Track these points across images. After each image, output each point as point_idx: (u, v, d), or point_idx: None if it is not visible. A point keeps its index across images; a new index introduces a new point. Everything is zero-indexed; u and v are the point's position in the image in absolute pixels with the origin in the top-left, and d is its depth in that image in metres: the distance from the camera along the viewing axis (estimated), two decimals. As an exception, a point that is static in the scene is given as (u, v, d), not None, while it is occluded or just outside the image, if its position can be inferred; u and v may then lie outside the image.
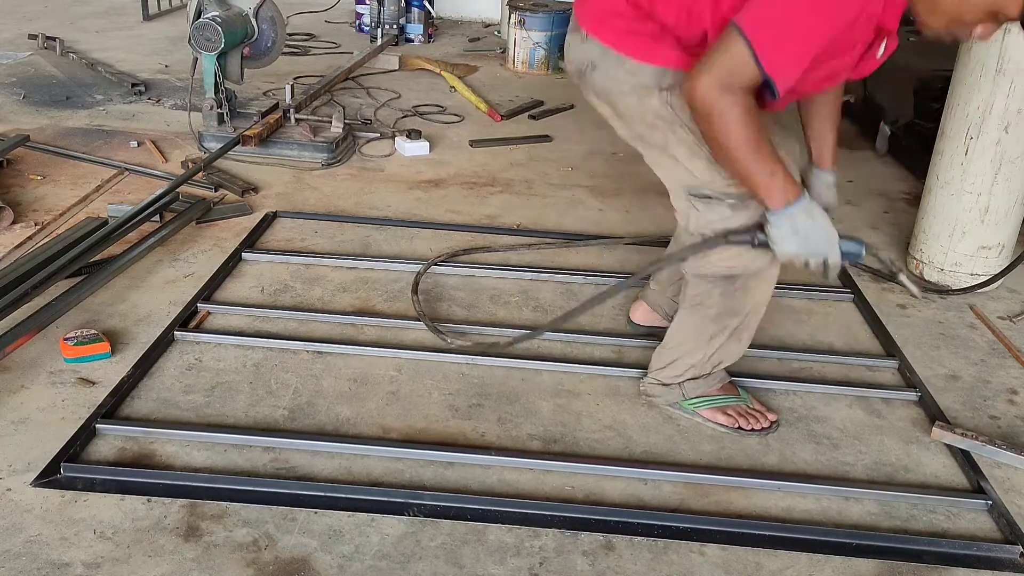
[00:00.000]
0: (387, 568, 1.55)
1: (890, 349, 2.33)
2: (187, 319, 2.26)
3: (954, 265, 2.67)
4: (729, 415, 1.96)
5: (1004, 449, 1.91)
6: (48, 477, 1.70)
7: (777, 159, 1.60)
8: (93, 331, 2.12)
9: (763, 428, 1.96)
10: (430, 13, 5.80)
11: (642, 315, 2.34)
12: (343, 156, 3.53)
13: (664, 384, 2.00)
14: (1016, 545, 1.68)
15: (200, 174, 3.08)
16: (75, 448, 1.76)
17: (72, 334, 2.09)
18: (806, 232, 1.62)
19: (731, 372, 2.07)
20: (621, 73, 1.72)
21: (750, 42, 1.48)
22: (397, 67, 4.96)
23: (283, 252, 2.67)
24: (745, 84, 1.52)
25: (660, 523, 1.68)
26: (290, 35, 4.98)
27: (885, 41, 1.65)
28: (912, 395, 2.14)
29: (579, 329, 2.33)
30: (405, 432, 1.91)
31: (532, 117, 4.23)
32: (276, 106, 3.75)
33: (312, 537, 1.60)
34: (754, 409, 1.99)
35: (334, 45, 5.38)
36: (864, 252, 1.70)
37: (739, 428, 1.95)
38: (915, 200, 3.12)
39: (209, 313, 2.32)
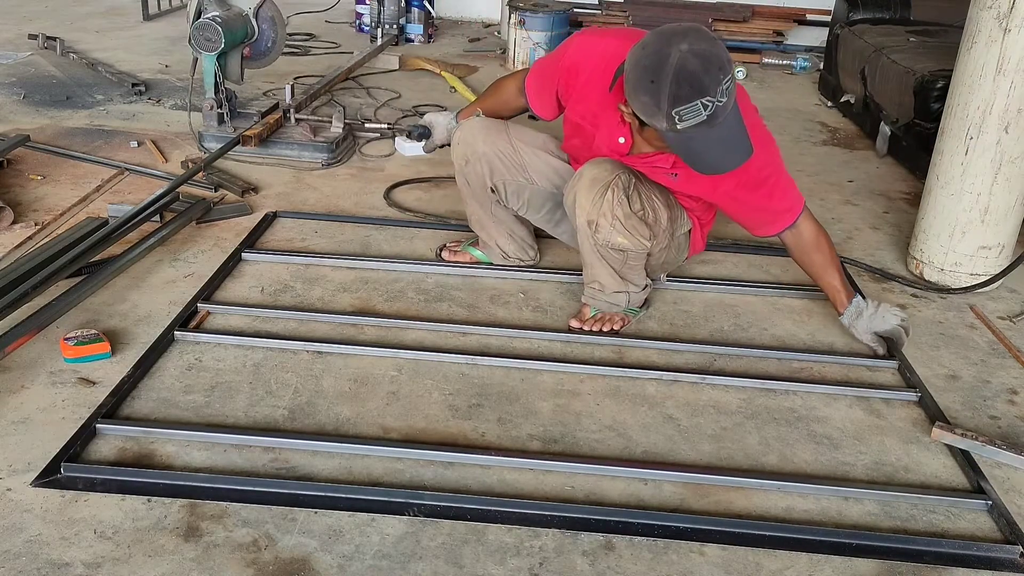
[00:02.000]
0: (387, 568, 1.55)
1: (890, 349, 2.33)
2: (187, 319, 2.26)
3: (954, 265, 2.67)
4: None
5: (1004, 449, 1.91)
6: (48, 477, 1.70)
7: None
8: (93, 331, 2.12)
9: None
10: (430, 13, 5.80)
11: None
12: (343, 156, 3.53)
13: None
14: (1016, 545, 1.68)
15: (200, 174, 3.08)
16: (75, 448, 1.76)
17: (72, 334, 2.09)
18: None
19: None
20: None
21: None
22: (397, 67, 4.97)
23: (283, 252, 2.67)
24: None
25: (660, 523, 1.68)
26: (290, 35, 4.99)
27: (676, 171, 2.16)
28: (912, 395, 2.14)
29: (580, 329, 2.34)
30: (405, 432, 1.91)
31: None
32: (276, 106, 3.75)
33: (312, 537, 1.60)
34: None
35: (334, 45, 5.38)
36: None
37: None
38: (915, 200, 3.12)
39: (209, 313, 2.32)
